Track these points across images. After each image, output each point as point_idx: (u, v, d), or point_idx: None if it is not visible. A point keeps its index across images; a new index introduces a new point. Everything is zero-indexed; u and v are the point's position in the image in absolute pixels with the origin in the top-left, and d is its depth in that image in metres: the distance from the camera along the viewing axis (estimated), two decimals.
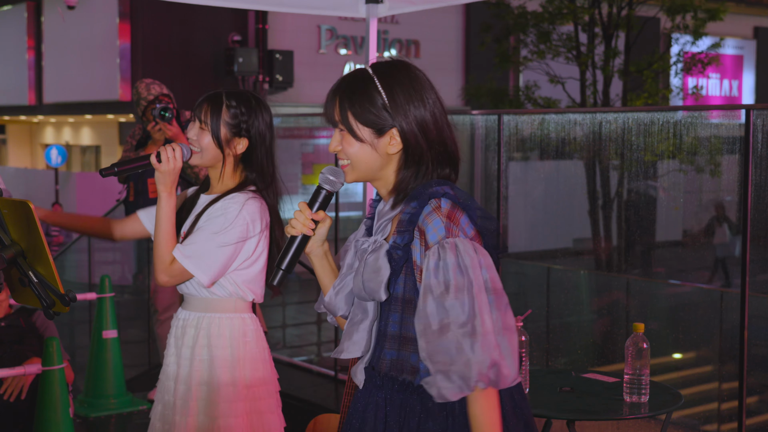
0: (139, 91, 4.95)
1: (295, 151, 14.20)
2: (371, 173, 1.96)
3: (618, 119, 7.51)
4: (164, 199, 2.64)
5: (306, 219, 1.97)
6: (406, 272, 1.90)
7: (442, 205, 1.86)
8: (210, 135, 2.71)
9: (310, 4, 4.54)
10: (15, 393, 3.85)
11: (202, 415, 2.69)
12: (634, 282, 9.48)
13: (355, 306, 1.99)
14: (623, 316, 8.82)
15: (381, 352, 1.95)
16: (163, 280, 2.66)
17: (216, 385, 2.69)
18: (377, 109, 1.91)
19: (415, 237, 1.88)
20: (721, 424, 7.09)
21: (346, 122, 1.93)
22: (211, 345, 2.71)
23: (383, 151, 1.93)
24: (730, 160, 10.85)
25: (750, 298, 4.04)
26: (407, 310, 1.90)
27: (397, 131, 1.92)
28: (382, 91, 1.91)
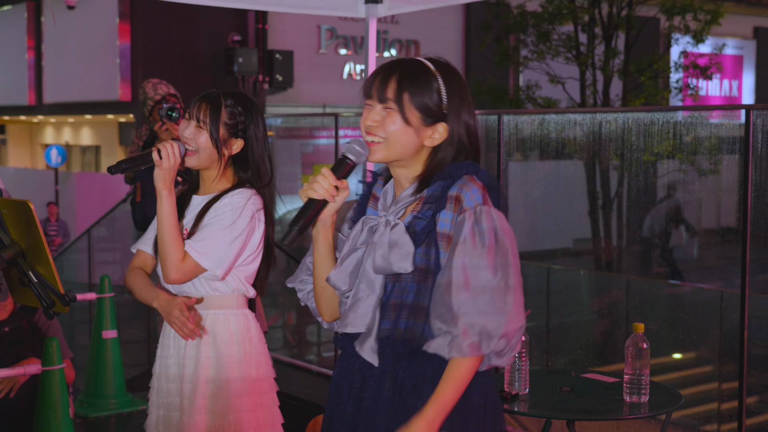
0: (146, 90, 4.94)
1: (295, 151, 14.20)
2: (402, 156, 1.98)
3: (618, 119, 7.52)
4: (165, 197, 2.62)
5: (330, 185, 1.95)
6: (428, 243, 1.93)
7: (476, 179, 1.95)
8: (207, 134, 2.69)
9: (310, 4, 4.54)
10: (5, 390, 3.85)
11: (210, 413, 2.69)
12: (634, 282, 9.48)
13: (360, 282, 1.99)
14: (623, 316, 8.82)
15: (394, 323, 1.96)
16: (175, 278, 2.64)
17: (224, 381, 2.70)
18: (434, 99, 1.95)
19: (446, 208, 1.92)
20: (721, 424, 7.09)
21: (400, 100, 1.94)
22: (218, 342, 2.71)
23: (421, 140, 1.97)
24: (730, 160, 10.85)
25: (750, 298, 4.04)
26: (423, 280, 1.93)
27: (446, 127, 1.97)
28: (442, 85, 1.96)
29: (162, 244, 2.63)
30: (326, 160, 14.40)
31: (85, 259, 9.01)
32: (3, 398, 3.86)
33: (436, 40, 16.23)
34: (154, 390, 2.81)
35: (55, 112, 17.39)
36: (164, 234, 2.62)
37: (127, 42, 14.15)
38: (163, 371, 2.78)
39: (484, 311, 1.85)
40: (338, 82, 15.37)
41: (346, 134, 10.11)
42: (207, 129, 2.69)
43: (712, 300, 8.52)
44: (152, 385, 2.82)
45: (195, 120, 2.70)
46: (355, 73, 15.55)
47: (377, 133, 1.97)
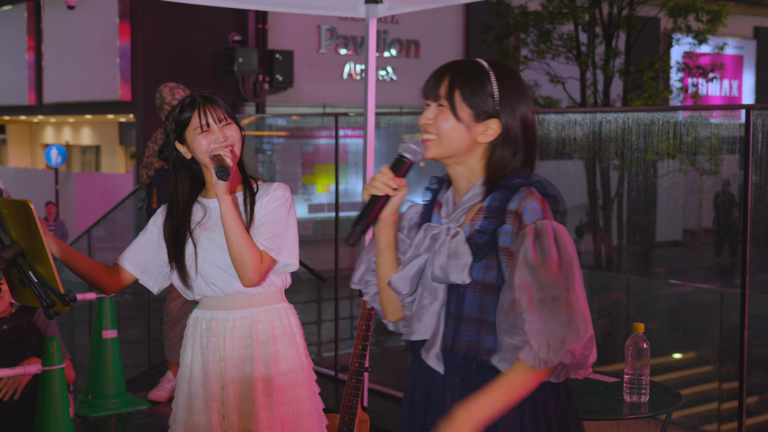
0: (163, 95, 4.90)
1: (295, 151, 14.20)
2: (455, 153, 2.01)
3: (618, 119, 7.52)
4: (229, 202, 2.61)
5: (388, 180, 1.99)
6: (489, 257, 1.95)
7: (534, 191, 1.96)
8: (237, 127, 2.72)
9: (310, 4, 4.54)
10: (10, 392, 3.85)
11: (286, 404, 2.72)
12: (634, 282, 9.47)
13: (424, 289, 2.01)
14: (623, 316, 8.82)
15: (456, 334, 1.98)
16: (257, 280, 2.64)
17: (292, 372, 2.74)
18: (485, 95, 1.98)
19: (506, 222, 1.94)
20: (721, 424, 7.09)
21: (451, 97, 1.99)
22: (283, 335, 2.75)
23: (474, 137, 2.00)
24: (730, 160, 10.85)
25: (750, 298, 4.04)
26: (487, 294, 1.95)
27: (499, 123, 1.99)
28: (495, 82, 1.99)
29: (237, 250, 2.59)
30: (326, 160, 14.41)
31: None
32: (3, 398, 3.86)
33: (436, 40, 16.23)
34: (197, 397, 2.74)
35: (55, 112, 17.39)
36: (239, 239, 2.59)
37: (127, 42, 14.14)
38: (213, 375, 2.72)
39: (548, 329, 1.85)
40: (338, 82, 15.37)
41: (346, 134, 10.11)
42: (233, 121, 2.71)
43: (712, 300, 8.51)
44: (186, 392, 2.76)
45: (217, 122, 2.67)
46: (355, 73, 15.55)
47: (431, 131, 2.02)
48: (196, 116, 2.66)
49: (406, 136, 2.61)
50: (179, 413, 2.78)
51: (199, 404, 2.74)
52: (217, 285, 2.72)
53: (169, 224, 2.76)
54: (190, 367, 2.77)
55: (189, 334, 2.80)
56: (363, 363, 3.15)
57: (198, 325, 2.78)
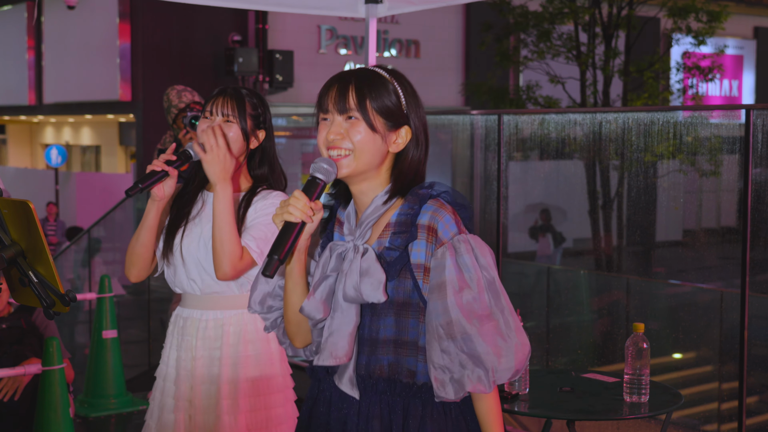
0: (171, 98, 4.89)
1: (295, 151, 14.20)
2: (369, 167, 1.91)
3: (618, 119, 7.52)
4: (220, 191, 2.58)
5: (305, 206, 1.84)
6: (402, 275, 1.88)
7: (444, 203, 1.89)
8: (238, 127, 2.70)
9: (310, 4, 4.54)
10: (10, 393, 3.85)
11: (251, 411, 2.70)
12: (634, 282, 9.48)
13: (334, 312, 1.92)
14: (623, 316, 8.82)
15: (373, 358, 1.92)
16: (231, 274, 2.60)
17: (265, 378, 2.72)
18: (394, 104, 1.92)
19: (418, 237, 1.87)
20: (721, 424, 7.09)
21: (363, 108, 1.89)
22: (256, 339, 2.73)
23: (387, 146, 1.92)
24: (730, 160, 10.85)
25: (750, 298, 4.04)
26: (403, 314, 1.89)
27: (409, 129, 1.93)
28: (399, 89, 1.94)
29: (219, 240, 2.57)
30: None
31: (85, 259, 9.01)
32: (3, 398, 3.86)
33: (436, 40, 16.23)
34: (167, 394, 2.75)
35: (55, 112, 17.39)
36: (223, 229, 2.57)
37: (127, 42, 14.15)
38: (184, 373, 2.73)
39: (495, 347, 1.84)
40: None
41: None
42: (236, 122, 2.70)
43: (712, 300, 8.52)
44: (162, 389, 2.77)
45: (220, 115, 2.70)
46: None
47: (342, 146, 1.90)
48: (210, 102, 2.72)
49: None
50: (154, 409, 2.79)
51: (170, 402, 2.74)
52: (195, 281, 2.72)
53: (173, 212, 2.78)
54: (167, 363, 2.78)
55: (169, 330, 2.81)
56: None
57: (176, 322, 2.79)
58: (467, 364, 1.83)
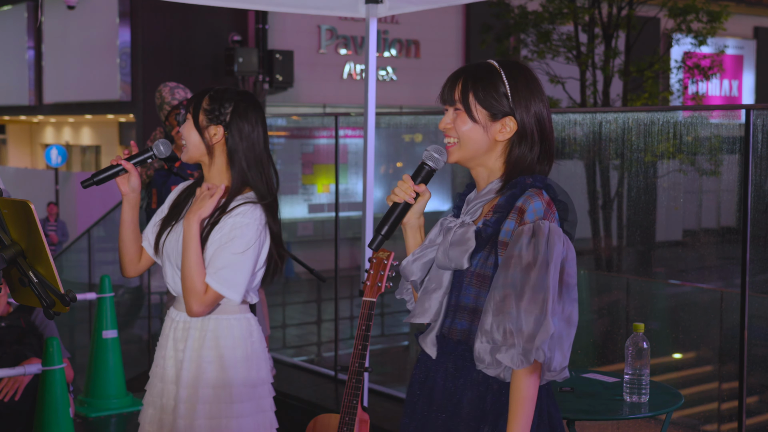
0: (163, 95, 4.88)
1: (295, 151, 14.20)
2: (476, 155, 2.08)
3: (618, 119, 7.52)
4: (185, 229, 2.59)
5: (408, 188, 2.09)
6: (489, 249, 2.02)
7: (543, 194, 2.01)
8: (192, 124, 2.66)
9: (310, 4, 4.54)
10: (10, 393, 3.85)
11: (208, 418, 2.64)
12: (634, 282, 9.47)
13: (431, 276, 2.10)
14: (623, 316, 8.81)
15: (452, 322, 2.07)
16: (199, 311, 2.60)
17: (226, 386, 2.65)
18: (499, 95, 2.05)
19: (509, 218, 2.00)
20: (721, 424, 7.09)
21: (466, 101, 2.06)
22: (220, 346, 2.66)
23: (492, 136, 2.06)
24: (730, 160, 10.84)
25: (750, 298, 4.04)
26: (483, 286, 2.02)
27: (514, 120, 2.05)
28: (507, 81, 2.06)
29: (185, 276, 2.59)
30: (326, 160, 14.41)
31: (85, 259, 9.01)
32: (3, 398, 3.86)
33: (436, 40, 16.23)
34: (148, 386, 2.78)
35: (55, 112, 17.39)
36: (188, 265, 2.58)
37: (127, 42, 14.15)
38: (159, 371, 2.74)
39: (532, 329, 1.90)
40: (338, 82, 15.37)
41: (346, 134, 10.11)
42: (190, 119, 2.66)
43: (712, 300, 8.51)
44: (151, 382, 2.79)
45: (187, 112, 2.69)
46: (355, 73, 15.55)
47: (451, 135, 2.09)
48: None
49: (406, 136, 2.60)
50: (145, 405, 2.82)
51: (148, 397, 2.79)
52: (169, 283, 2.74)
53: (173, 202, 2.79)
54: (155, 361, 2.80)
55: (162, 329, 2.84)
56: (363, 363, 3.15)
57: (165, 320, 2.81)
58: (507, 338, 1.92)
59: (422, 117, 9.79)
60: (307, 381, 5.71)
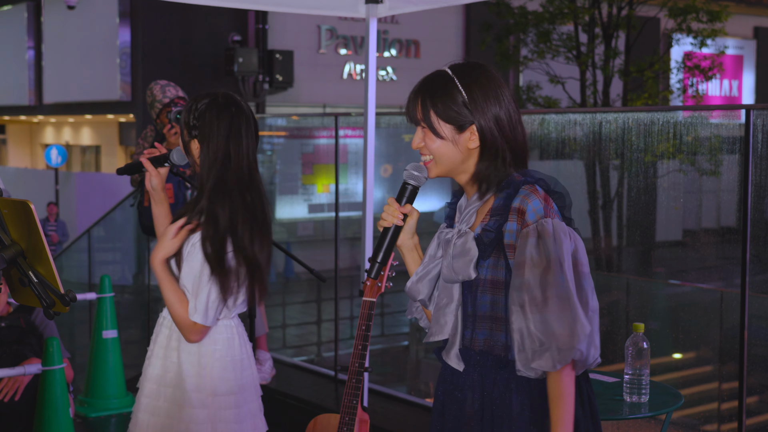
0: (154, 93, 4.89)
1: (295, 151, 14.20)
2: (453, 167, 2.07)
3: (618, 119, 7.52)
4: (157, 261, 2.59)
5: (395, 211, 2.08)
6: (496, 255, 2.01)
7: (538, 189, 2.00)
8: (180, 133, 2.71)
9: (310, 4, 4.54)
10: (10, 393, 3.85)
11: (167, 417, 2.61)
12: (634, 282, 9.47)
13: (440, 291, 2.10)
14: (623, 316, 8.82)
15: (473, 333, 2.05)
16: (197, 339, 2.58)
17: (183, 389, 2.60)
18: (458, 106, 2.03)
19: (510, 219, 1.98)
20: (721, 424, 7.09)
21: (428, 120, 2.04)
22: (181, 348, 2.62)
23: (464, 147, 2.04)
24: (730, 160, 10.84)
25: (750, 298, 4.04)
26: (497, 292, 2.01)
27: (475, 129, 2.02)
28: (462, 89, 2.03)
29: (172, 314, 2.60)
30: (326, 160, 14.40)
31: (85, 259, 9.00)
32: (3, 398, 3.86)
33: (436, 40, 16.23)
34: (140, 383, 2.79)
35: (55, 112, 17.39)
36: (170, 300, 2.59)
37: (127, 42, 14.14)
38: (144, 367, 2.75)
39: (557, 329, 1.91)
40: (338, 82, 15.37)
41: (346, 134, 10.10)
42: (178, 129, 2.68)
43: (712, 300, 8.51)
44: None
45: None
46: (355, 73, 15.55)
47: (425, 153, 2.08)
48: None
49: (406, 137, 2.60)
50: None
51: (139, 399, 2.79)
52: None
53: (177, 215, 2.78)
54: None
55: None
56: (363, 363, 3.14)
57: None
58: (536, 341, 1.91)
59: None
60: (307, 381, 5.71)
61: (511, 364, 2.01)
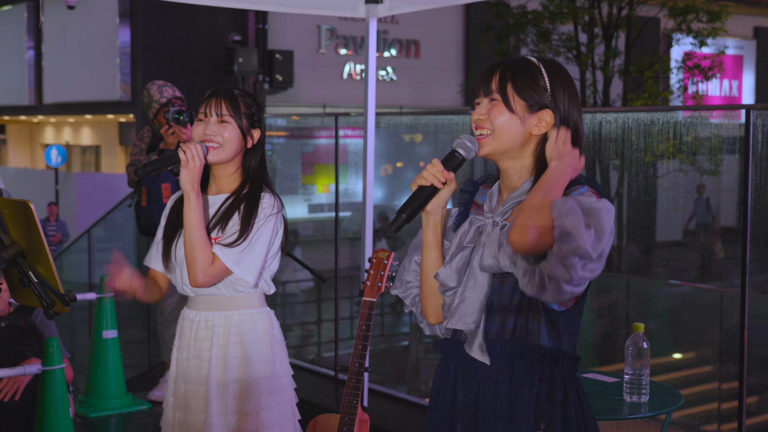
0: (151, 93, 4.89)
1: (295, 151, 14.20)
2: (510, 148, 2.01)
3: (618, 119, 7.52)
4: (194, 199, 2.62)
5: (438, 171, 1.99)
6: None
7: (581, 190, 1.95)
8: (234, 127, 2.71)
9: (310, 4, 4.54)
10: (10, 393, 3.85)
11: (239, 413, 2.70)
12: (634, 282, 9.47)
13: (468, 280, 2.02)
14: (623, 316, 8.82)
15: (502, 323, 2.00)
16: (203, 281, 2.64)
17: (254, 380, 2.72)
18: (538, 87, 2.00)
19: None
20: (721, 424, 7.09)
21: (503, 90, 1.99)
22: (245, 341, 2.72)
23: (528, 129, 2.00)
24: (730, 160, 10.85)
25: (750, 298, 4.04)
26: None
27: (551, 114, 1.99)
28: (546, 75, 2.01)
29: (190, 247, 2.62)
30: (326, 160, 14.40)
31: (85, 259, 9.00)
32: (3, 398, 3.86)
33: (436, 40, 16.23)
34: (170, 391, 2.80)
35: (55, 112, 17.39)
36: (193, 237, 2.62)
37: (127, 42, 14.15)
38: (181, 373, 2.76)
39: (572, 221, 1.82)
40: (338, 82, 15.37)
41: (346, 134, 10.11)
42: (233, 121, 2.71)
43: (712, 300, 8.51)
44: (168, 387, 2.82)
45: (215, 116, 2.71)
46: (355, 73, 15.55)
47: (485, 126, 2.01)
48: (204, 104, 2.73)
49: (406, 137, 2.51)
50: (165, 410, 2.84)
51: (170, 398, 2.81)
52: (188, 284, 2.74)
53: (172, 214, 2.79)
54: (174, 363, 2.82)
55: (177, 332, 2.84)
56: (363, 363, 3.15)
57: (181, 323, 2.82)
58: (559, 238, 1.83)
59: (422, 117, 9.79)
60: (307, 381, 5.71)
61: (544, 354, 1.97)
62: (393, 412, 5.08)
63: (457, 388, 2.06)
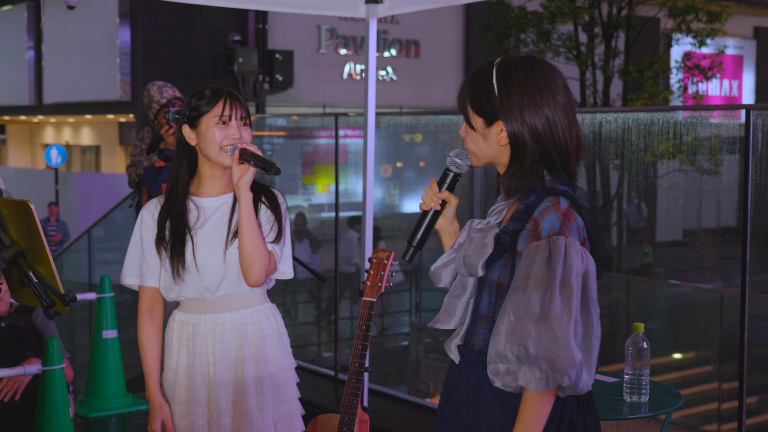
0: (151, 93, 4.89)
1: (295, 151, 14.19)
2: (491, 159, 2.01)
3: (618, 119, 7.52)
4: (249, 201, 2.62)
5: (434, 194, 2.06)
6: (506, 258, 1.94)
7: (561, 203, 1.88)
8: (250, 128, 2.74)
9: (310, 4, 4.54)
10: (10, 393, 3.85)
11: (277, 404, 2.77)
12: (634, 282, 9.48)
13: (457, 281, 2.05)
14: (623, 316, 8.82)
15: (473, 330, 2.01)
16: (261, 280, 2.66)
17: (278, 373, 2.78)
18: (489, 100, 1.95)
19: (526, 228, 1.90)
20: (721, 424, 7.09)
21: (464, 111, 2.01)
22: (264, 337, 2.76)
23: (494, 142, 1.97)
24: (730, 160, 10.85)
25: (750, 298, 4.04)
26: (499, 295, 1.95)
27: (502, 125, 1.94)
28: (496, 84, 1.94)
29: (253, 248, 2.61)
30: (326, 160, 14.40)
31: (85, 259, 9.01)
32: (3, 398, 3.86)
33: (436, 40, 16.23)
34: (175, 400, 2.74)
35: (55, 112, 17.38)
36: (256, 237, 2.61)
37: (127, 42, 14.14)
38: (201, 379, 2.71)
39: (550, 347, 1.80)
40: (338, 82, 15.37)
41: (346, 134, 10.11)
42: (250, 124, 2.74)
43: (712, 300, 8.51)
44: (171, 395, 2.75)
45: (237, 119, 2.68)
46: (355, 73, 15.55)
47: (466, 143, 2.05)
48: (220, 106, 2.67)
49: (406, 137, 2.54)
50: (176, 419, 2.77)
51: (182, 409, 2.73)
52: (209, 289, 2.70)
53: (168, 221, 2.71)
54: (176, 372, 2.75)
55: (174, 338, 2.77)
56: (363, 363, 3.15)
57: (184, 329, 2.75)
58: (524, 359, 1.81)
59: (422, 117, 9.79)
60: (307, 381, 5.71)
61: None
62: (393, 412, 5.08)
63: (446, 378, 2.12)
